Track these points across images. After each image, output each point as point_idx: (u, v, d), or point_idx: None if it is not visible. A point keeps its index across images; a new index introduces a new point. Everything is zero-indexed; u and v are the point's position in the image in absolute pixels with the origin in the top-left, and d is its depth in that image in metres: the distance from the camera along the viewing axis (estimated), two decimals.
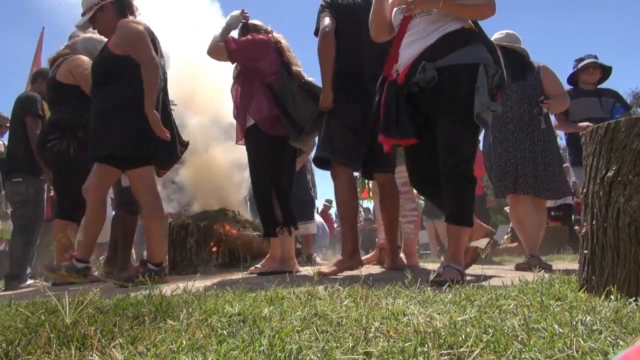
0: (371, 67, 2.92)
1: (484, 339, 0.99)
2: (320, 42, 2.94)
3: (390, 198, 3.18)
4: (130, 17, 3.04)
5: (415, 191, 3.54)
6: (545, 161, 3.32)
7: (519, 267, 3.24)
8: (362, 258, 3.54)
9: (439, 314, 1.29)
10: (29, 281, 3.82)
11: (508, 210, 4.21)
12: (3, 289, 3.75)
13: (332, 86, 2.94)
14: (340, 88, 2.96)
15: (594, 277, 1.68)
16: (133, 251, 4.38)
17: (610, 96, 4.12)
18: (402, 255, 3.48)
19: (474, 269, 2.73)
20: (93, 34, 3.68)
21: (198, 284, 2.52)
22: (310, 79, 3.22)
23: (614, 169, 1.62)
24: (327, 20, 2.93)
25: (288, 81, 3.16)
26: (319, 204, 10.05)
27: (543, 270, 2.62)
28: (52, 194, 4.55)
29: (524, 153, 3.33)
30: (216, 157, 4.41)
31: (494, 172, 3.46)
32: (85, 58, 3.56)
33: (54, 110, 3.61)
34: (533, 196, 3.34)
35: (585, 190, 1.76)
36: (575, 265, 2.33)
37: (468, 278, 2.41)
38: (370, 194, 4.62)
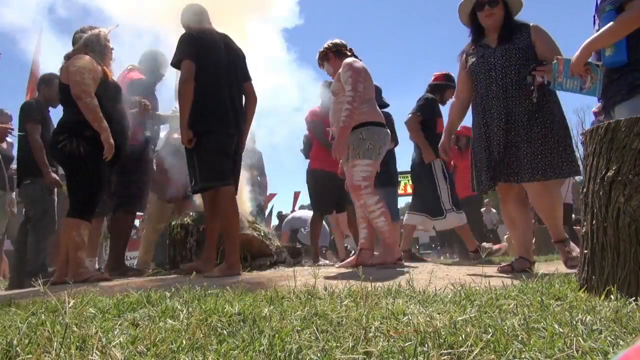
0: (231, 94, 3.33)
1: (484, 339, 0.99)
2: (183, 88, 3.17)
3: (223, 211, 3.33)
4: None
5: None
6: (531, 137, 2.76)
7: (502, 270, 2.89)
8: (341, 263, 3.54)
9: (439, 313, 1.29)
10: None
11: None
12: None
13: (195, 120, 3.17)
14: (203, 120, 3.20)
15: (594, 277, 1.68)
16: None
17: None
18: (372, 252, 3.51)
19: (475, 269, 2.73)
20: (93, 30, 3.68)
21: (198, 284, 2.52)
22: None
23: (614, 168, 1.62)
24: (190, 65, 3.16)
25: None
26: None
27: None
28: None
29: (507, 134, 2.81)
30: None
31: (476, 160, 2.99)
32: (85, 57, 3.55)
33: (63, 111, 3.69)
34: (519, 184, 2.86)
35: (585, 190, 1.76)
36: None
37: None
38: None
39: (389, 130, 3.57)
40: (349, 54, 3.69)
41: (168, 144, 4.79)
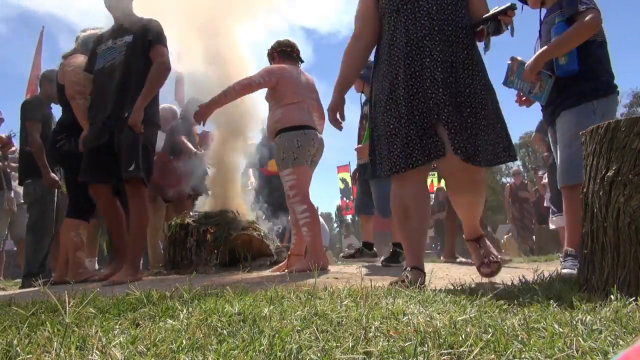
0: None
1: (484, 339, 0.99)
2: (166, 73, 3.22)
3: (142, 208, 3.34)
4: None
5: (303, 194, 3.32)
6: (478, 101, 2.11)
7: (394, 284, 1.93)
8: (274, 268, 3.50)
9: (439, 313, 1.29)
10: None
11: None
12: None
13: (154, 112, 3.28)
14: (158, 115, 3.35)
15: (594, 277, 1.68)
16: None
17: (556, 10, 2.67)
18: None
19: (475, 269, 2.73)
20: (94, 30, 3.70)
21: (198, 284, 2.52)
22: None
23: (614, 168, 1.62)
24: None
25: None
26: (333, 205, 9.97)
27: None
28: None
29: (451, 88, 2.09)
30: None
31: (396, 127, 2.13)
32: (79, 57, 3.57)
33: (62, 110, 3.72)
34: (462, 161, 2.08)
35: (585, 190, 1.76)
36: None
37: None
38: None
39: (311, 130, 3.38)
40: (294, 55, 3.67)
41: (169, 144, 4.79)
